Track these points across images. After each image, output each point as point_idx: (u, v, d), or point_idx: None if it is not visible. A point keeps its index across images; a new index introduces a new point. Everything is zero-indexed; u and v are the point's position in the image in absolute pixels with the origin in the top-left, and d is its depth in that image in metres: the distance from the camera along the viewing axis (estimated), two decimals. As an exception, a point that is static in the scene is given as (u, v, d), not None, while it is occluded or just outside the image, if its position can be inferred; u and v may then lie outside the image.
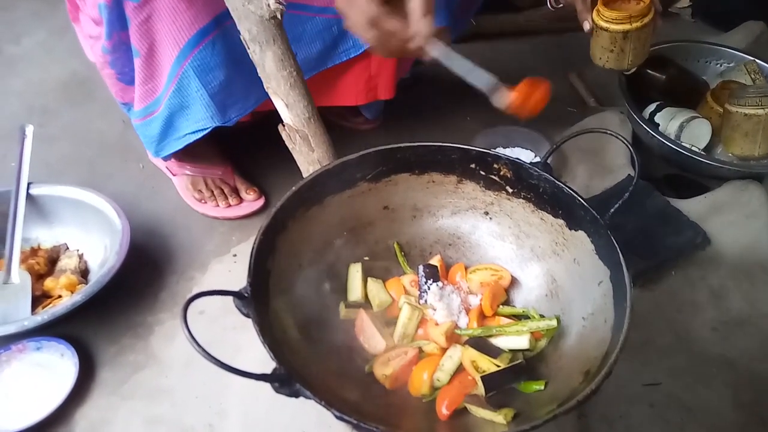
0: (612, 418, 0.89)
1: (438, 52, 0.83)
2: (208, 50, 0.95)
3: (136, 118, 1.07)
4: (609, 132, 0.81)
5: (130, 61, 0.97)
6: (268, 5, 0.81)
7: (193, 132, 1.04)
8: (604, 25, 1.03)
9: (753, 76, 1.23)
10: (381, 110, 1.32)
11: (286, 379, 0.60)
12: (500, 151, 1.26)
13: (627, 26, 1.02)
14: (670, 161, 1.19)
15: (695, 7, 1.82)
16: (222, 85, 0.99)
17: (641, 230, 1.09)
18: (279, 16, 0.82)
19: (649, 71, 1.22)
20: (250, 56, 0.86)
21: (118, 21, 0.91)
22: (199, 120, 1.02)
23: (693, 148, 1.15)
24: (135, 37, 0.92)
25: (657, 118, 1.20)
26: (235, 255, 1.12)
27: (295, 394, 0.60)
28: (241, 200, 1.19)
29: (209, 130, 1.04)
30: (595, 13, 1.04)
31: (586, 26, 1.07)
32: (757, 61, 1.26)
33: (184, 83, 0.98)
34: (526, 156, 1.26)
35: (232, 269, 1.09)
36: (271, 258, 0.74)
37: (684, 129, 1.16)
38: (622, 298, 0.68)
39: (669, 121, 1.17)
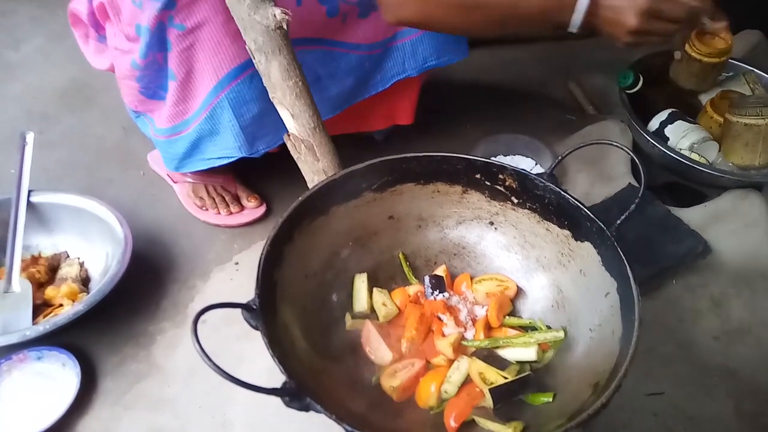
0: (615, 427, 0.89)
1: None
2: (246, 84, 0.96)
3: (160, 135, 1.06)
4: (615, 144, 0.81)
5: (158, 78, 0.97)
6: (274, 15, 0.80)
7: (219, 158, 1.05)
8: (697, 57, 1.17)
9: (752, 85, 1.24)
10: (390, 131, 1.34)
11: (297, 393, 0.59)
12: (501, 159, 1.26)
13: (716, 60, 1.17)
14: (671, 170, 1.20)
15: (692, 15, 1.83)
16: (254, 119, 1.00)
17: (642, 238, 1.10)
18: (285, 27, 0.82)
19: None
20: (256, 66, 0.85)
21: (157, 43, 0.91)
22: (226, 148, 1.03)
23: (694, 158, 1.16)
24: (174, 61, 0.93)
25: (668, 131, 1.20)
26: (236, 263, 1.11)
27: (306, 408, 0.59)
28: (242, 208, 1.19)
29: (235, 159, 1.04)
30: (689, 46, 1.17)
31: (678, 55, 1.21)
32: (756, 70, 1.27)
33: (218, 112, 0.98)
34: (526, 164, 1.27)
35: (234, 277, 1.09)
36: (278, 269, 0.74)
37: (693, 149, 1.17)
38: (629, 310, 0.68)
39: (680, 138, 1.18)
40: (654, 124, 1.22)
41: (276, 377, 0.61)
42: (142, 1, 0.88)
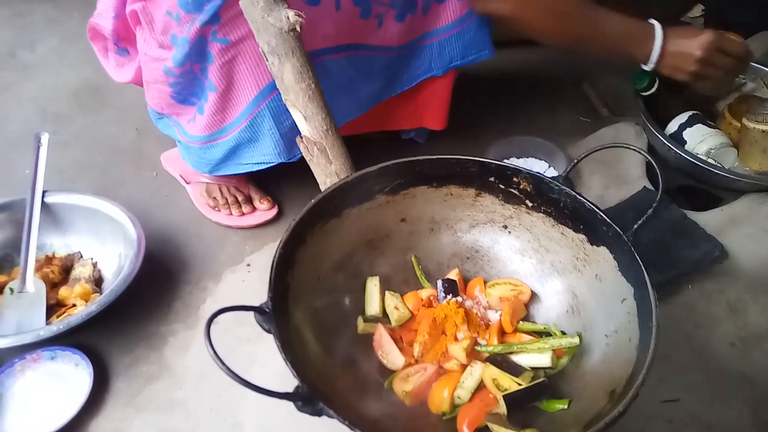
0: (630, 434, 0.88)
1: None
2: None
3: (193, 141, 1.06)
4: (633, 147, 0.81)
5: (192, 86, 0.98)
6: (288, 18, 0.80)
7: (257, 163, 1.05)
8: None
9: (770, 88, 1.22)
10: (428, 134, 1.35)
11: (309, 398, 0.59)
12: (514, 161, 1.26)
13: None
14: (687, 173, 1.19)
15: (707, 16, 1.81)
16: (293, 125, 0.99)
17: (658, 243, 1.08)
18: (298, 29, 0.81)
19: None
20: (269, 68, 0.85)
21: (196, 54, 0.91)
22: (266, 154, 1.04)
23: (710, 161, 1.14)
24: (216, 74, 0.93)
25: (686, 134, 1.19)
26: (248, 264, 1.11)
27: (318, 413, 0.59)
28: (254, 209, 1.19)
29: (274, 164, 1.05)
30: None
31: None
32: (775, 73, 1.25)
33: (258, 121, 0.99)
34: (539, 167, 1.26)
35: (246, 279, 1.09)
36: (291, 272, 0.74)
37: (710, 155, 1.15)
38: (647, 317, 0.67)
39: (698, 143, 1.17)
40: (672, 126, 1.21)
41: (287, 380, 0.60)
42: (179, 13, 0.88)
